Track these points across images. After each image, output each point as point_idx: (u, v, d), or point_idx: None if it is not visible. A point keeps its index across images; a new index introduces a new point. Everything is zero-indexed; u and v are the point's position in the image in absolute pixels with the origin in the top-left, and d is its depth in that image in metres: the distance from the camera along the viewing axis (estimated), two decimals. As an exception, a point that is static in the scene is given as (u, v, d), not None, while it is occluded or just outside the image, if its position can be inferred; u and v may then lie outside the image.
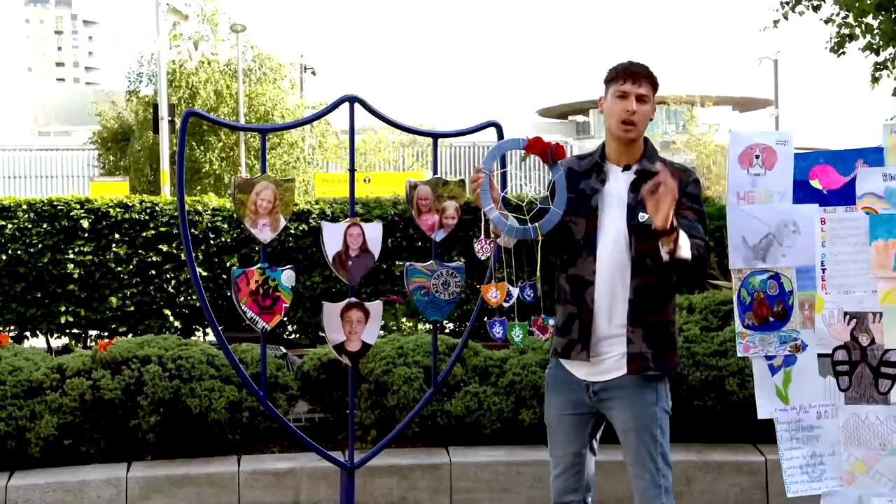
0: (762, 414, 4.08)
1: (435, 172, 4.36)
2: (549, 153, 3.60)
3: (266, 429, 5.71)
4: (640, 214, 3.60)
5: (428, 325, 9.07)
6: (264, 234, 4.04)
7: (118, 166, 28.46)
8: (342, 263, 4.15)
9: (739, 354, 4.07)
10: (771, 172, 4.06)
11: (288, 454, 5.65)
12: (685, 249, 3.47)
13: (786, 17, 11.45)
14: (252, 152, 26.53)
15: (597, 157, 3.77)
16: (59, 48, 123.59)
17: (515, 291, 3.67)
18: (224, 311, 9.67)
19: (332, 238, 4.15)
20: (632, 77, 3.62)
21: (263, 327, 4.05)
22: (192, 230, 9.79)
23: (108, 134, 29.12)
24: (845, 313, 3.98)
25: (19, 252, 9.57)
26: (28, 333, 10.05)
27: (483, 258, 3.76)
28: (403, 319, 9.63)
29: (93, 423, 5.57)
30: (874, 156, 4.02)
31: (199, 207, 9.84)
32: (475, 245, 3.73)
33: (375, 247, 4.21)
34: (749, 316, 4.05)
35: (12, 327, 9.93)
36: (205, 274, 9.61)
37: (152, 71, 27.26)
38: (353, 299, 4.21)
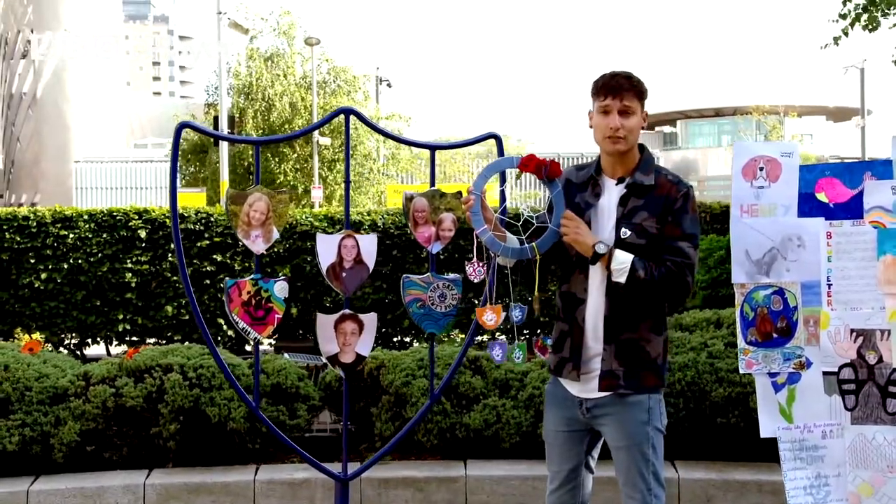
0: (765, 433, 3.98)
1: (432, 184, 4.34)
2: (543, 171, 3.57)
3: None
4: (623, 230, 3.53)
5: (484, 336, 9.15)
6: (257, 245, 4.08)
7: (197, 177, 29.06)
8: (336, 275, 4.16)
9: (742, 371, 3.97)
10: (775, 185, 3.96)
11: (305, 464, 5.66)
12: (619, 274, 3.45)
13: (846, 34, 11.13)
14: (325, 163, 26.82)
15: (592, 170, 3.71)
16: (157, 63, 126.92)
17: (506, 314, 3.66)
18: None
19: (327, 250, 4.16)
20: (612, 92, 3.53)
21: (256, 338, 4.09)
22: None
23: (187, 146, 29.80)
24: (852, 330, 3.86)
25: (80, 261, 9.81)
26: (89, 341, 10.30)
27: (476, 281, 3.75)
28: (455, 331, 9.62)
29: (116, 430, 5.67)
30: (882, 168, 3.89)
31: (253, 218, 9.93)
32: (467, 268, 3.72)
33: (370, 259, 4.21)
34: (752, 332, 3.96)
35: (73, 334, 10.18)
36: (257, 284, 9.71)
37: (230, 84, 27.78)
38: (348, 311, 4.21)
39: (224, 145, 21.98)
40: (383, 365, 5.94)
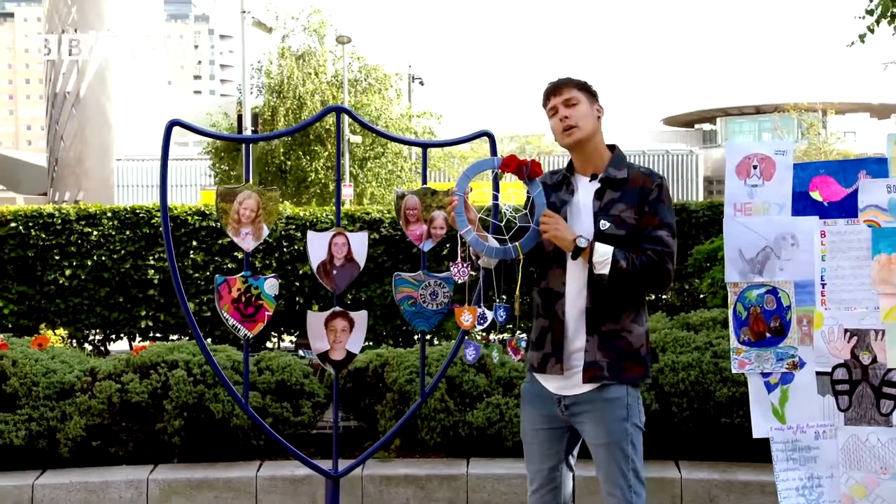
0: (757, 433, 3.95)
1: (424, 182, 4.33)
2: (524, 171, 3.60)
3: (291, 435, 5.76)
4: (602, 222, 3.56)
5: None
6: (247, 242, 4.08)
7: (230, 175, 29.29)
8: (326, 272, 4.17)
9: (734, 371, 3.94)
10: (769, 183, 3.92)
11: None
12: (601, 266, 3.48)
13: (871, 31, 10.92)
14: (356, 161, 26.92)
15: (564, 170, 3.78)
16: (199, 62, 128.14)
17: (490, 314, 3.66)
18: (297, 318, 9.86)
19: (317, 247, 4.16)
20: (553, 92, 3.69)
21: (246, 335, 4.09)
22: (267, 238, 9.96)
23: (221, 144, 29.99)
24: (846, 330, 3.81)
25: (104, 258, 9.94)
26: (113, 337, 10.42)
27: (460, 281, 3.75)
28: (476, 328, 9.59)
29: (121, 426, 5.73)
30: (877, 167, 3.83)
31: (274, 216, 10.00)
32: (451, 268, 3.72)
33: (361, 256, 4.20)
34: (745, 331, 3.92)
35: (97, 330, 10.29)
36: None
37: (262, 83, 27.96)
38: (338, 308, 4.21)
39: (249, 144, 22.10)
40: (387, 363, 5.95)
